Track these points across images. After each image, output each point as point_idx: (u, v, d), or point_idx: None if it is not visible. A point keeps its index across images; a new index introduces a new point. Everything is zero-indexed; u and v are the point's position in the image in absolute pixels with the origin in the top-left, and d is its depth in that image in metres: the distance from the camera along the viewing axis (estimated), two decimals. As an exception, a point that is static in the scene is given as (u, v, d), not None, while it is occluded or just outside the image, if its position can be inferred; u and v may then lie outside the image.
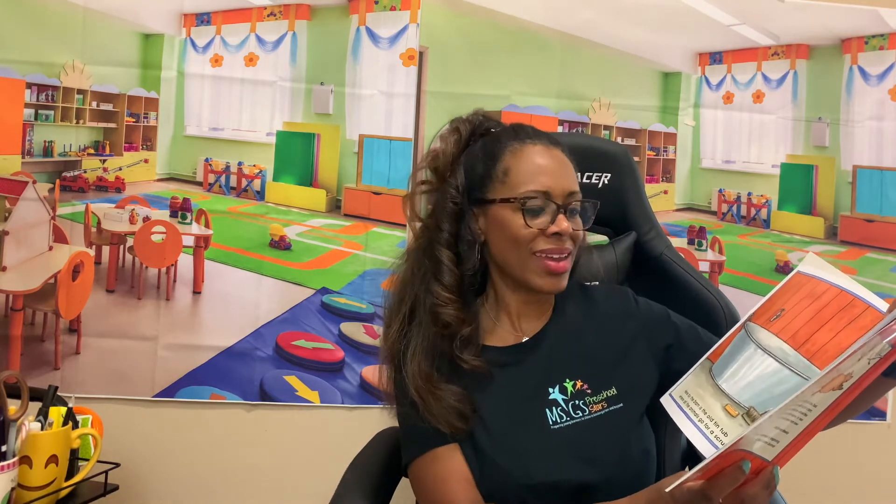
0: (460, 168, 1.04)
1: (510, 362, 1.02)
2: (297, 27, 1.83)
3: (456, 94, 1.85)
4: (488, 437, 0.97)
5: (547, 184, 0.98)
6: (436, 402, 0.96)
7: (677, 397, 0.90)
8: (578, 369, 1.01)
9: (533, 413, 0.98)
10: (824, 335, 0.81)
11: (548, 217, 0.98)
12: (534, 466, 0.94)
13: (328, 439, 1.77)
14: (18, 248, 1.72)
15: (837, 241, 1.96)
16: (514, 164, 1.01)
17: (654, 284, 1.29)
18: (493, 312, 1.06)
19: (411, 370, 0.99)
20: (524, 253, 0.99)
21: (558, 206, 0.98)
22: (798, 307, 0.86)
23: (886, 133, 1.96)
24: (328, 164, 1.85)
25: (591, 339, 1.04)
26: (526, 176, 0.99)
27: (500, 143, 1.03)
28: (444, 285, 1.00)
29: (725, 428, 0.80)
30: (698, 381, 0.90)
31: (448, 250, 1.02)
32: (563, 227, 0.97)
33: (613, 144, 1.74)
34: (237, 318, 1.80)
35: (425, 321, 1.00)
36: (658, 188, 1.94)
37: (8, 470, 1.07)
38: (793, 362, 0.81)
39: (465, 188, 1.03)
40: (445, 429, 0.96)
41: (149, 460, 1.74)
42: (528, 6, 1.86)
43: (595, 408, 0.98)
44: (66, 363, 1.74)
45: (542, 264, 0.98)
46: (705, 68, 1.94)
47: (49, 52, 1.74)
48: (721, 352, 0.91)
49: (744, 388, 0.83)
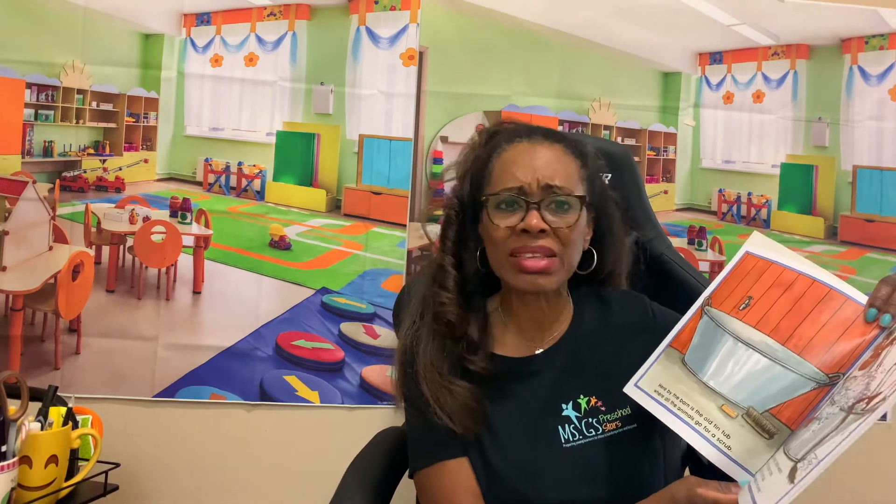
0: (468, 175, 1.04)
1: (523, 374, 1.01)
2: (297, 27, 1.83)
3: (456, 94, 1.85)
4: (498, 450, 0.96)
5: (520, 179, 0.95)
6: (451, 398, 0.95)
7: (651, 391, 0.88)
8: (593, 385, 0.99)
9: (545, 429, 0.96)
10: (809, 329, 0.81)
11: (520, 214, 0.95)
12: (544, 485, 0.93)
13: (328, 439, 1.77)
14: (18, 248, 1.72)
15: (837, 241, 1.96)
16: (497, 164, 0.99)
17: (654, 285, 1.29)
18: (504, 319, 1.05)
19: (423, 364, 0.98)
20: (499, 254, 0.97)
21: (528, 202, 0.94)
22: (769, 297, 0.85)
23: (886, 133, 1.96)
24: (328, 164, 1.85)
25: (607, 353, 1.01)
26: (500, 174, 0.98)
27: (495, 145, 1.02)
28: (444, 287, 1.01)
29: (727, 430, 0.79)
30: (672, 373, 0.87)
31: (450, 255, 1.02)
32: (531, 224, 0.93)
33: (614, 144, 1.74)
34: (237, 318, 1.80)
35: (429, 321, 1.01)
36: (658, 188, 1.94)
37: (8, 470, 1.07)
38: (782, 358, 0.81)
39: (469, 194, 1.03)
40: (458, 428, 0.95)
41: (149, 460, 1.74)
42: (528, 6, 1.86)
43: (609, 427, 0.96)
44: (66, 363, 1.74)
45: (514, 262, 0.95)
46: (705, 68, 1.94)
47: (49, 52, 1.74)
48: (687, 339, 0.89)
49: (737, 387, 0.81)
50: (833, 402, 0.73)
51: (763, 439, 0.78)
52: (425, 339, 1.00)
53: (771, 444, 0.77)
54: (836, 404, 0.71)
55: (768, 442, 0.77)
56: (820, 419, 0.72)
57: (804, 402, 0.77)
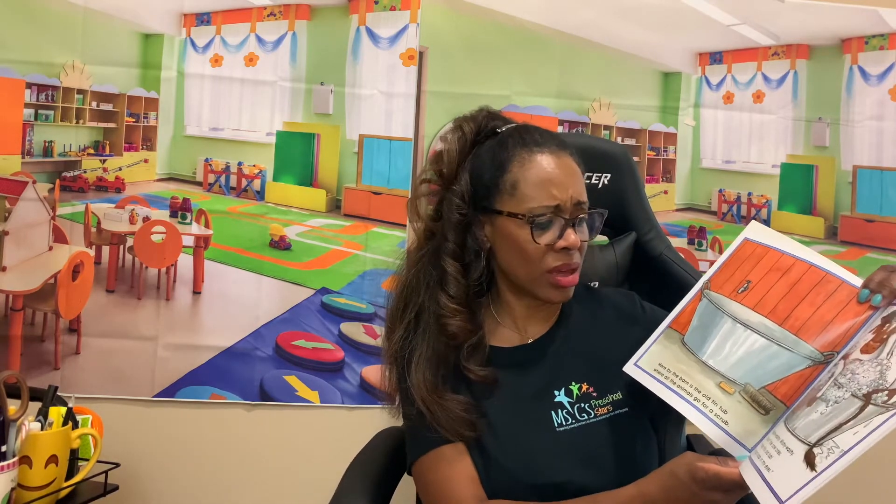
0: (465, 173, 1.02)
1: (515, 363, 1.02)
2: (297, 27, 1.83)
3: (456, 94, 1.85)
4: (493, 437, 0.97)
5: (557, 197, 0.96)
6: (443, 413, 0.96)
7: (651, 370, 0.90)
8: (584, 372, 1.01)
9: (538, 414, 0.98)
10: (805, 310, 0.83)
11: (556, 231, 0.96)
12: (539, 467, 0.94)
13: (328, 439, 1.77)
14: (18, 248, 1.72)
15: (837, 241, 1.96)
16: (522, 176, 0.97)
17: (654, 285, 1.29)
18: (498, 314, 1.06)
19: (416, 380, 0.98)
20: (534, 269, 0.98)
21: (566, 220, 0.96)
22: (767, 280, 0.88)
23: (886, 133, 1.96)
24: (328, 164, 1.85)
25: (598, 343, 1.04)
26: (534, 190, 0.97)
27: (507, 150, 1.00)
28: (450, 296, 0.99)
29: (724, 406, 0.82)
30: (672, 353, 0.90)
31: (454, 261, 1.00)
32: (572, 242, 0.96)
33: (613, 144, 1.74)
34: (237, 318, 1.80)
35: (431, 331, 0.99)
36: (658, 188, 1.94)
37: (8, 470, 1.07)
38: (779, 338, 0.83)
39: (471, 196, 1.01)
40: (454, 438, 0.96)
41: (149, 460, 1.74)
42: (528, 6, 1.86)
43: (600, 411, 0.98)
44: (66, 363, 1.74)
45: (551, 279, 0.97)
46: (705, 68, 1.94)
47: (49, 52, 1.74)
48: (686, 321, 0.91)
49: (735, 365, 0.84)
50: (838, 384, 0.73)
51: (759, 415, 0.80)
52: (419, 350, 0.99)
53: (767, 419, 0.79)
54: (844, 388, 0.72)
55: (764, 418, 0.80)
56: (827, 401, 0.72)
57: (799, 378, 0.80)
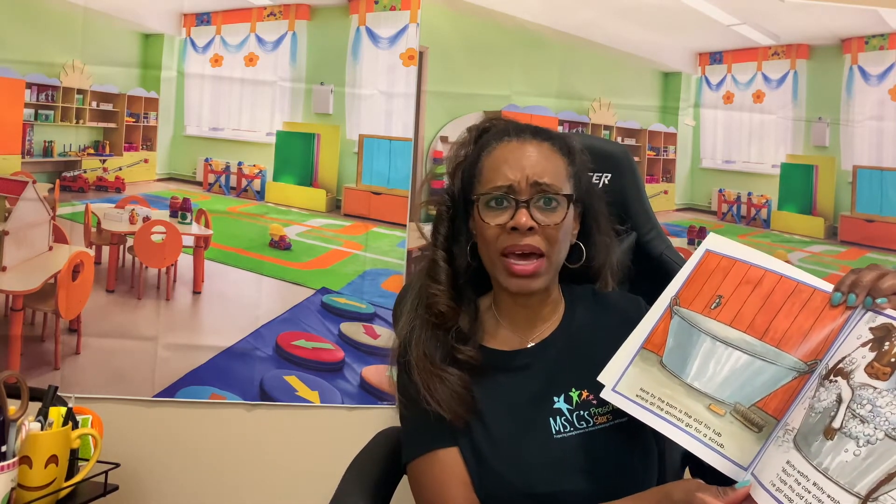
0: (460, 171, 1.06)
1: (514, 367, 1.02)
2: (297, 27, 1.83)
3: (456, 94, 1.85)
4: (489, 441, 0.96)
5: (509, 177, 0.97)
6: (442, 386, 0.97)
7: (633, 396, 0.88)
8: (585, 379, 0.99)
9: (536, 421, 0.97)
10: (783, 322, 0.83)
11: (509, 212, 0.96)
12: (534, 476, 0.94)
13: (328, 439, 1.77)
14: (18, 248, 1.72)
15: (837, 241, 1.96)
16: (486, 163, 1.01)
17: (654, 285, 1.29)
18: (499, 315, 1.06)
19: (416, 354, 1.00)
20: (491, 252, 0.99)
21: (517, 200, 0.96)
22: (739, 294, 0.87)
23: (886, 133, 1.96)
24: (328, 164, 1.85)
25: (600, 349, 1.01)
26: (490, 172, 0.99)
27: (484, 143, 1.04)
28: (436, 280, 1.03)
29: (717, 429, 0.81)
30: (652, 376, 0.88)
31: (442, 251, 1.05)
32: (519, 223, 0.94)
33: (613, 144, 1.74)
34: (237, 318, 1.80)
35: (422, 313, 1.03)
36: (658, 188, 1.94)
37: (8, 470, 1.07)
38: (762, 352, 0.83)
39: (459, 190, 1.05)
40: (447, 414, 0.96)
41: (149, 460, 1.74)
42: (528, 6, 1.86)
43: (599, 420, 0.97)
44: (66, 363, 1.74)
45: (505, 263, 0.97)
46: (705, 68, 1.94)
47: (49, 52, 1.74)
48: (661, 341, 0.90)
49: (721, 385, 0.83)
50: (861, 419, 0.69)
51: (753, 433, 0.79)
52: (419, 330, 1.02)
53: (760, 436, 0.79)
54: (870, 423, 0.68)
55: (758, 435, 0.79)
56: (855, 439, 0.68)
57: (787, 391, 0.79)
